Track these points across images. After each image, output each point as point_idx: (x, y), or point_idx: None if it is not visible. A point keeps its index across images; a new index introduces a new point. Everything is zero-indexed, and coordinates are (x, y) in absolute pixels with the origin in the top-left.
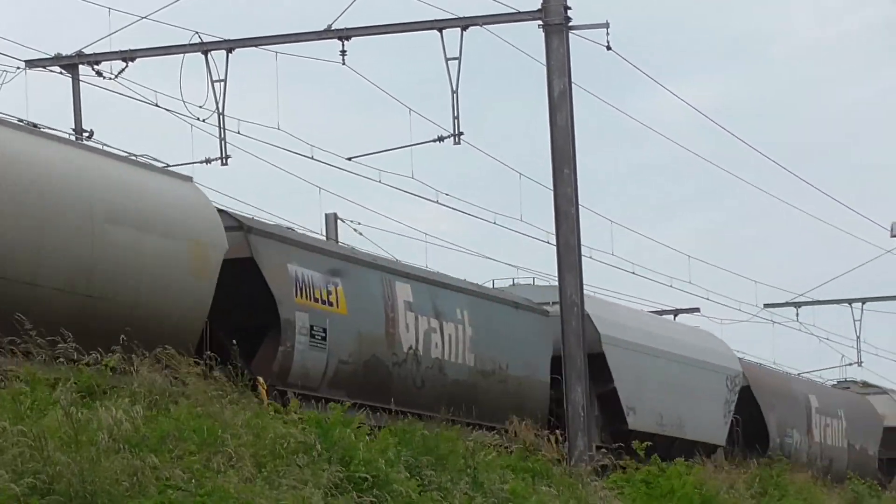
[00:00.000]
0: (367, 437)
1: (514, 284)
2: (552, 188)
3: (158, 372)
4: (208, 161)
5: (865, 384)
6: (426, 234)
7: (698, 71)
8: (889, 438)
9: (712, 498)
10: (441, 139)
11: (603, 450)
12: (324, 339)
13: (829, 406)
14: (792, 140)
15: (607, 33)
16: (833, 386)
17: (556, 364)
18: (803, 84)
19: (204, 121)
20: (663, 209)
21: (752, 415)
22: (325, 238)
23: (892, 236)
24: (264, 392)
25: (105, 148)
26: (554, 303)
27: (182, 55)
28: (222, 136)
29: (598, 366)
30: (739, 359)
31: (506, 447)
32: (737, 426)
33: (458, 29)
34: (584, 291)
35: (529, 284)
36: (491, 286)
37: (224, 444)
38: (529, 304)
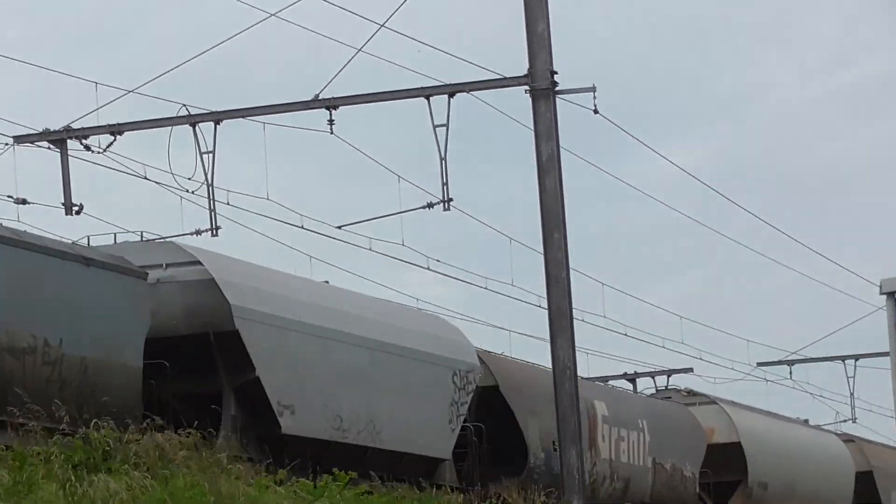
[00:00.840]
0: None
1: (117, 243)
2: (542, 253)
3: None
4: (198, 232)
5: (691, 392)
6: (418, 299)
7: (685, 131)
8: (718, 458)
9: None
10: (431, 206)
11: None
12: None
13: (624, 416)
14: (779, 198)
15: (594, 97)
16: (651, 395)
17: (158, 347)
18: (788, 142)
19: (193, 192)
20: (654, 270)
21: (510, 423)
22: None
23: (882, 294)
24: None
25: None
26: (169, 265)
27: (170, 127)
28: (212, 207)
29: (232, 348)
30: (488, 352)
31: None
32: (475, 436)
33: (446, 96)
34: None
35: (139, 242)
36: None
37: None
38: (113, 262)
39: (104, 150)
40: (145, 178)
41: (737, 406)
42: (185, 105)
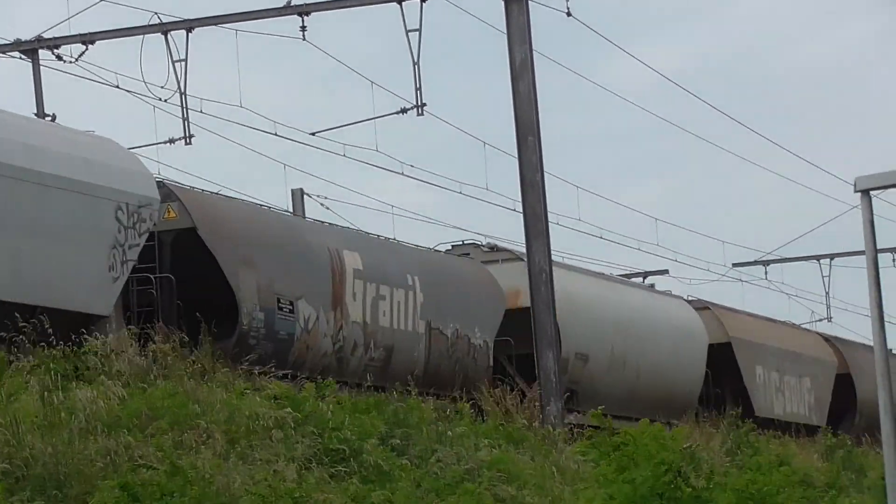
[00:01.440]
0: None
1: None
2: (517, 157)
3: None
4: (172, 141)
5: (495, 248)
6: (392, 206)
7: (660, 34)
8: (519, 324)
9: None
10: (404, 111)
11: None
12: None
13: (386, 270)
14: (756, 99)
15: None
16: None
17: None
18: (764, 44)
19: (166, 101)
20: (630, 174)
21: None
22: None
23: (857, 191)
24: None
25: None
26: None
27: (142, 36)
28: (185, 115)
29: None
30: (189, 187)
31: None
32: (162, 290)
33: (418, 1)
34: None
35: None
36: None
37: (197, 421)
38: None
39: (76, 60)
40: (117, 87)
41: (557, 265)
42: (156, 13)
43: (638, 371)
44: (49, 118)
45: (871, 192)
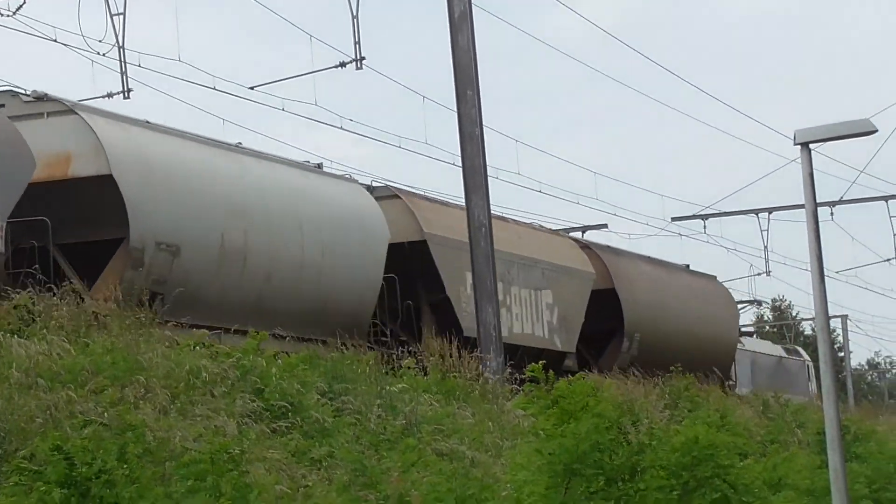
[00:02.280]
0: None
1: None
2: (456, 110)
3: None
4: (110, 95)
5: (44, 97)
6: (331, 160)
7: None
8: (69, 202)
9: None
10: (343, 65)
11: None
12: None
13: None
14: (694, 53)
15: None
16: None
17: None
18: None
19: (104, 55)
20: (568, 127)
21: None
22: None
23: (796, 144)
24: None
25: None
26: None
27: None
28: (123, 69)
29: None
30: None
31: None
32: None
33: None
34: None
35: None
36: None
37: (137, 377)
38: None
39: (13, 14)
40: (55, 41)
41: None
42: None
43: (269, 273)
44: None
45: (811, 146)
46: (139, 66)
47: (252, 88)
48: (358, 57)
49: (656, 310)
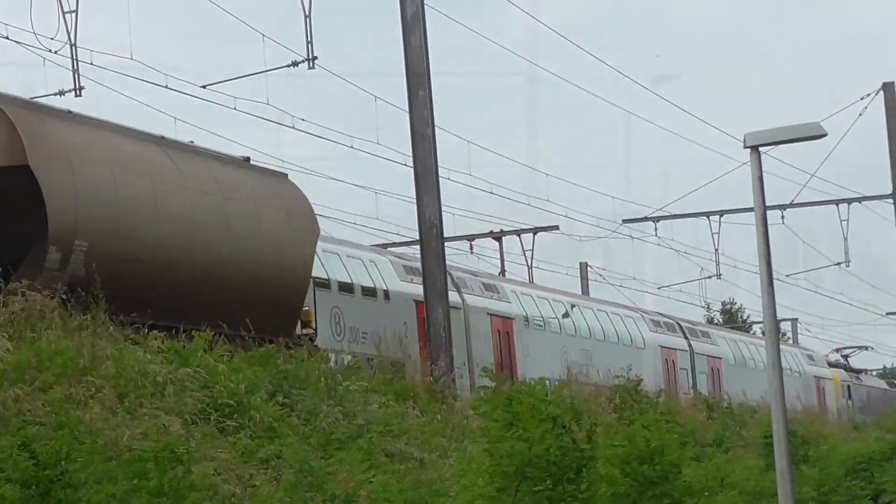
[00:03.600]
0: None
1: None
2: (408, 110)
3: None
4: (62, 93)
5: None
6: (283, 160)
7: None
8: None
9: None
10: (295, 64)
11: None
12: None
13: None
14: (647, 56)
15: None
16: None
17: None
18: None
19: (56, 52)
20: (520, 128)
21: None
22: None
23: (746, 147)
24: None
25: None
26: None
27: None
28: (75, 67)
29: None
30: None
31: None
32: None
33: None
34: None
35: None
36: None
37: (85, 375)
38: None
39: None
40: (6, 38)
41: None
42: None
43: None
44: None
45: (761, 149)
46: (91, 63)
47: (204, 87)
48: (310, 57)
49: (137, 210)
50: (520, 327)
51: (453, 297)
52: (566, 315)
